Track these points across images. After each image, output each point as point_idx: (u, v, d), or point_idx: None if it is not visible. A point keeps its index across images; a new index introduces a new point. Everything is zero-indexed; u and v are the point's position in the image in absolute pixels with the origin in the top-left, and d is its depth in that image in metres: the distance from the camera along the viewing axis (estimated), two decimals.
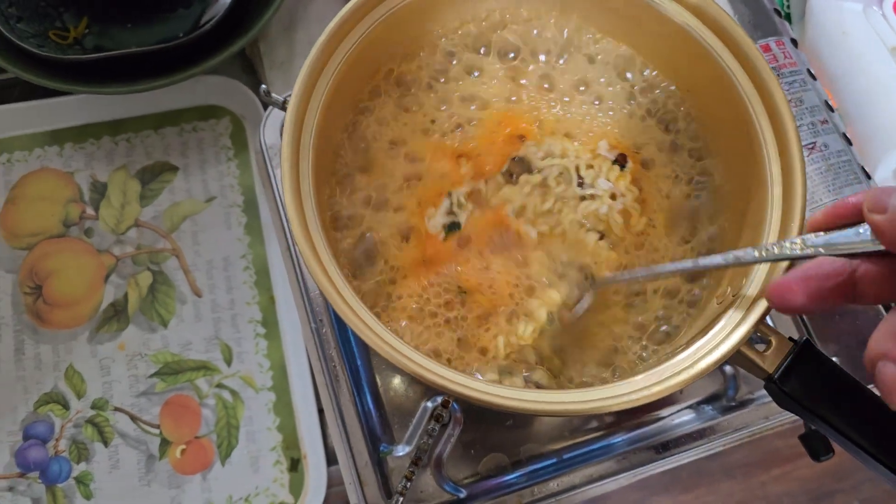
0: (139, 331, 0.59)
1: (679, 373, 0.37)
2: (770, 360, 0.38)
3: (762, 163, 0.41)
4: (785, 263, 0.38)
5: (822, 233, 0.34)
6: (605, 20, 0.48)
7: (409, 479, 0.46)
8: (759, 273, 0.39)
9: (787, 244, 0.36)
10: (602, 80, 0.48)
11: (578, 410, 0.36)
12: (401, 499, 0.46)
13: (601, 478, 0.50)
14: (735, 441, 0.51)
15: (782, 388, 0.37)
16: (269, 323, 0.60)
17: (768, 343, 0.38)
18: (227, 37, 0.61)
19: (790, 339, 0.38)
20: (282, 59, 0.65)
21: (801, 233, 0.39)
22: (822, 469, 1.50)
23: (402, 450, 0.50)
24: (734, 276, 0.42)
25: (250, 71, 0.67)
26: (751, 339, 0.38)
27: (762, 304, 0.38)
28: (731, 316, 0.39)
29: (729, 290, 0.42)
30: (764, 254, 0.36)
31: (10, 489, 0.56)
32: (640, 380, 0.37)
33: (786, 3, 0.62)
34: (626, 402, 0.36)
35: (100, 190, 0.63)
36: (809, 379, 0.37)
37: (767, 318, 0.38)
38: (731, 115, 0.43)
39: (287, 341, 0.60)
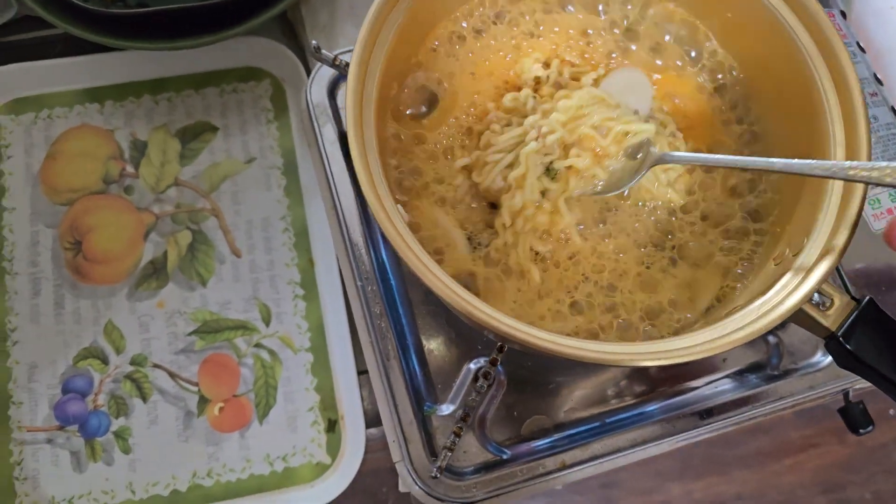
0: (178, 289, 0.59)
1: (742, 328, 0.37)
2: (832, 318, 0.38)
3: (825, 126, 0.41)
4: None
5: None
6: None
7: (457, 434, 0.46)
8: (822, 232, 0.39)
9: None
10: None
11: (638, 360, 0.36)
12: (448, 454, 0.46)
13: (644, 442, 0.50)
14: (779, 410, 0.51)
15: (846, 346, 0.37)
16: (308, 285, 0.60)
17: (830, 302, 0.38)
18: None
19: (853, 297, 0.38)
20: (324, 23, 0.65)
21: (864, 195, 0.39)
22: (833, 460, 1.50)
23: (446, 409, 0.50)
24: (793, 236, 0.42)
25: (291, 35, 0.67)
26: (811, 299, 0.38)
27: (826, 263, 0.38)
28: (793, 274, 0.39)
29: (787, 250, 0.42)
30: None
31: (49, 441, 0.56)
32: (702, 334, 0.37)
33: None
34: (688, 354, 0.36)
35: (140, 148, 0.63)
36: (872, 337, 0.37)
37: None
38: (792, 77, 0.43)
39: (326, 304, 0.59)
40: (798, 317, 0.38)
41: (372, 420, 0.57)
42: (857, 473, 1.39)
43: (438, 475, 0.46)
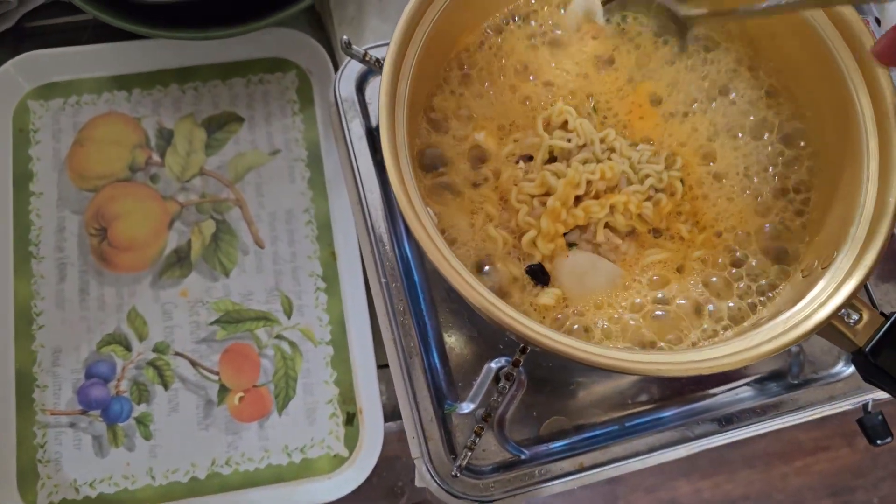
0: (201, 278, 0.60)
1: (770, 340, 0.37)
2: (861, 333, 0.38)
3: (859, 137, 0.41)
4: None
5: None
6: None
7: (478, 434, 0.47)
8: (854, 244, 0.39)
9: None
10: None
11: (665, 370, 0.36)
12: (469, 453, 0.46)
13: (663, 447, 0.50)
14: (799, 419, 0.51)
15: (874, 362, 0.37)
16: (330, 278, 0.60)
17: (859, 317, 0.38)
18: None
19: (881, 313, 0.38)
20: (351, 16, 0.65)
21: None
22: (842, 465, 1.50)
23: (466, 407, 0.50)
24: (823, 248, 0.41)
25: (318, 27, 0.67)
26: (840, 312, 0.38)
27: (857, 277, 0.38)
28: (823, 287, 0.39)
29: (816, 262, 0.41)
30: None
31: (72, 425, 0.57)
32: (728, 346, 0.37)
33: None
34: (713, 366, 0.36)
35: (166, 137, 0.63)
36: None
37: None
38: (827, 87, 0.43)
39: (347, 297, 0.60)
40: (826, 331, 0.38)
41: (389, 414, 0.58)
42: (865, 478, 1.39)
43: (458, 474, 0.46)
